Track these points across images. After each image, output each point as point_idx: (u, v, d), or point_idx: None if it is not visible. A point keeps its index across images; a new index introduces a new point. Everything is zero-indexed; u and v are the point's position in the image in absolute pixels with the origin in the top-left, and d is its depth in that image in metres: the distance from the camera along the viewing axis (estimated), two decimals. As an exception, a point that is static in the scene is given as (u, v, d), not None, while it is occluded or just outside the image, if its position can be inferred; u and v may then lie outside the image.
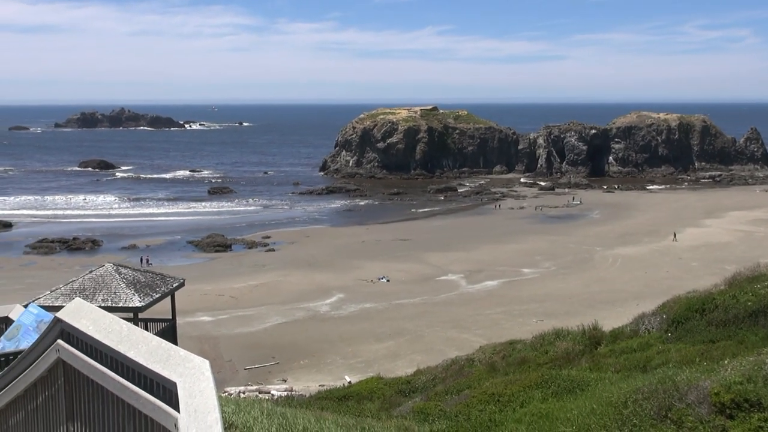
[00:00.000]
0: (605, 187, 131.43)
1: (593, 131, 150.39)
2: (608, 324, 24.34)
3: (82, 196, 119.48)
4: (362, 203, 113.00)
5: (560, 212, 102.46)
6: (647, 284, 56.47)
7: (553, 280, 59.97)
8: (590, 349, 19.45)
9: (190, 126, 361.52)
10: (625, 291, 54.79)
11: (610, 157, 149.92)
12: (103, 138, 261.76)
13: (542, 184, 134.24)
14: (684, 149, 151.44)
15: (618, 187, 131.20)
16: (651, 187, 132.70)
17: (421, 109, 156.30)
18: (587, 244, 75.10)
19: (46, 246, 75.43)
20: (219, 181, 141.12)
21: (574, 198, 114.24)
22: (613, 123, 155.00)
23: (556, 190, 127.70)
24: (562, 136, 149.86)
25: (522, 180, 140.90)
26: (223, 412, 4.65)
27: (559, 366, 17.51)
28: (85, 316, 6.49)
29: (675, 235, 77.03)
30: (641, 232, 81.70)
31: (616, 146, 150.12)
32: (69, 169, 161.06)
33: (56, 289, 28.16)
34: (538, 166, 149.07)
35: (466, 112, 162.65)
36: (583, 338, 20.33)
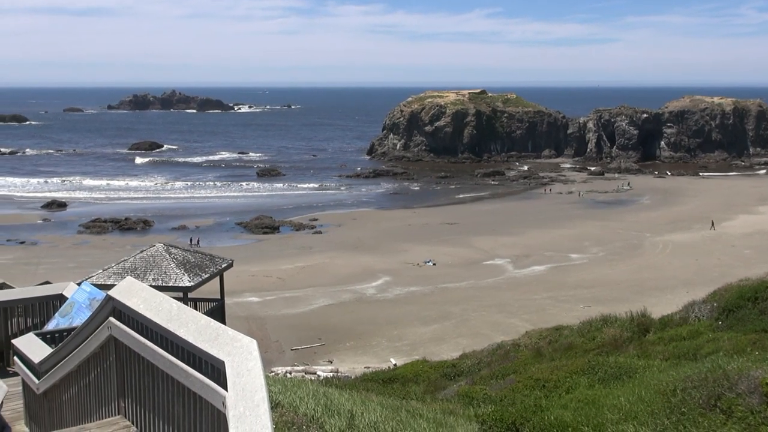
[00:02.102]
0: (656, 172, 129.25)
1: (645, 115, 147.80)
2: (657, 311, 24.01)
3: (133, 177, 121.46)
4: (409, 186, 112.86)
5: (610, 197, 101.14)
6: (698, 271, 55.53)
7: (602, 266, 59.30)
8: (638, 336, 19.21)
9: (240, 108, 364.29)
10: (675, 278, 53.95)
11: (662, 142, 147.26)
12: (154, 120, 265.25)
13: (591, 168, 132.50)
14: (738, 134, 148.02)
15: (669, 172, 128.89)
16: (703, 173, 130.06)
17: (469, 93, 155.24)
18: (637, 230, 74.04)
19: (99, 226, 76.93)
20: (267, 163, 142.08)
21: (627, 183, 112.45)
22: (666, 107, 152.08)
23: (606, 175, 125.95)
24: (612, 120, 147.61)
25: (571, 165, 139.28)
26: (270, 391, 4.70)
27: (607, 353, 17.34)
28: (137, 294, 6.60)
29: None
30: (692, 218, 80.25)
31: (668, 131, 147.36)
32: (121, 150, 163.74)
33: (108, 267, 28.71)
34: (588, 150, 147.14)
35: (514, 96, 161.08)
36: (632, 325, 20.08)
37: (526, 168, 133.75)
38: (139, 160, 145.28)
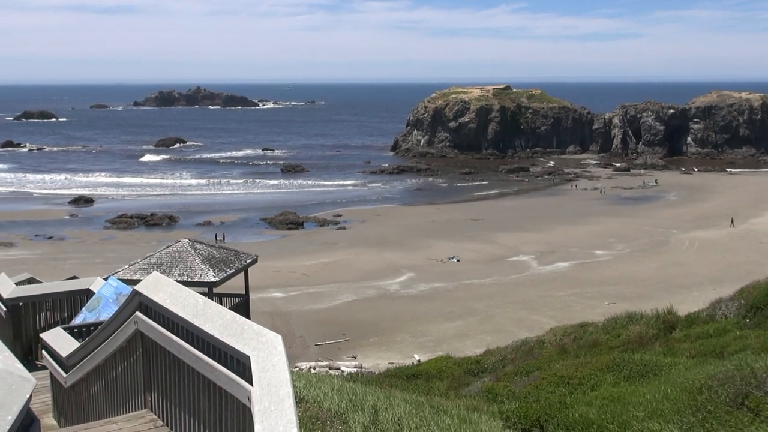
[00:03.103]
0: (683, 168, 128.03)
1: (671, 111, 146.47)
2: (683, 308, 23.80)
3: (159, 173, 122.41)
4: (433, 183, 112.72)
5: (635, 193, 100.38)
6: (725, 268, 54.96)
7: (627, 262, 58.89)
8: (664, 333, 19.07)
9: (264, 104, 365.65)
10: (701, 275, 53.45)
11: (689, 138, 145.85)
12: (180, 116, 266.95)
13: (617, 165, 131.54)
14: (767, 130, 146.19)
15: (696, 168, 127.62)
16: (731, 169, 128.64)
17: (493, 88, 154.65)
18: (663, 227, 73.43)
19: (125, 221, 77.62)
20: (291, 159, 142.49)
21: (655, 180, 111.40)
22: (693, 102, 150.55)
23: (632, 171, 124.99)
24: (638, 115, 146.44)
25: (596, 161, 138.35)
26: (294, 386, 4.72)
27: (632, 350, 17.23)
28: (163, 289, 6.65)
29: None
30: (719, 215, 79.40)
31: (695, 126, 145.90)
32: (147, 146, 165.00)
33: (134, 263, 28.95)
34: (613, 146, 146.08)
35: (539, 91, 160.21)
36: (657, 322, 19.93)
37: (550, 164, 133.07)
38: (164, 157, 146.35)
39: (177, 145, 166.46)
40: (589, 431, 9.72)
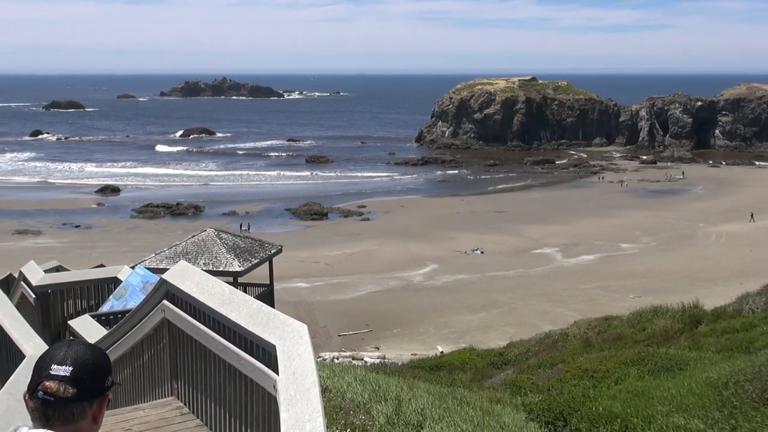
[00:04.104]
0: (710, 161, 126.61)
1: (699, 103, 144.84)
2: (710, 303, 23.62)
3: (184, 163, 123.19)
4: (457, 174, 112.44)
5: (662, 186, 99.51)
6: (752, 263, 54.36)
7: (653, 256, 58.45)
8: (690, 327, 18.94)
9: (289, 95, 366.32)
10: (728, 269, 52.92)
11: (717, 131, 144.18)
12: (206, 107, 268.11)
13: (643, 157, 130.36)
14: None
15: (724, 161, 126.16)
16: (760, 162, 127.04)
17: (519, 80, 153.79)
18: (689, 220, 72.76)
19: (151, 210, 78.23)
20: (316, 150, 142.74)
21: (682, 173, 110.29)
22: (721, 95, 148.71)
23: (658, 163, 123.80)
24: (665, 108, 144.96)
25: (622, 153, 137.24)
26: (320, 376, 4.76)
27: (657, 344, 17.14)
28: (190, 278, 6.72)
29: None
30: (747, 208, 78.45)
31: (724, 119, 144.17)
32: (173, 136, 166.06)
33: (161, 252, 29.22)
34: (640, 139, 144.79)
35: (565, 83, 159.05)
36: (683, 316, 19.80)
37: (576, 156, 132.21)
38: (189, 147, 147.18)
39: (202, 135, 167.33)
40: (613, 425, 9.69)
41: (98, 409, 2.62)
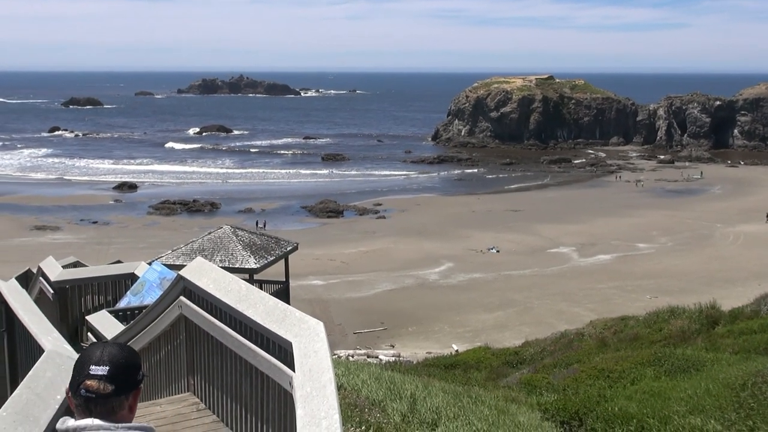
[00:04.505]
0: (729, 161, 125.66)
1: (718, 103, 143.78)
2: (727, 303, 23.46)
3: (201, 160, 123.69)
4: (474, 173, 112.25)
5: (679, 186, 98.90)
6: (771, 264, 53.96)
7: (670, 256, 58.13)
8: (707, 328, 18.82)
9: (306, 93, 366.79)
10: (746, 270, 52.54)
11: (735, 131, 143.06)
12: (222, 104, 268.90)
13: (661, 157, 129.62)
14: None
15: (743, 161, 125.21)
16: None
17: (536, 78, 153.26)
18: (707, 220, 72.29)
19: (167, 207, 78.59)
20: (332, 147, 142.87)
21: (700, 173, 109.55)
22: (740, 94, 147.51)
23: (676, 163, 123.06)
24: (684, 107, 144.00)
25: (639, 152, 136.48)
26: (335, 373, 4.77)
27: (673, 344, 17.05)
28: (207, 274, 6.75)
29: None
30: (766, 209, 77.90)
31: (743, 119, 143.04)
32: (190, 133, 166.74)
33: (177, 248, 29.34)
34: (658, 138, 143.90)
35: (582, 82, 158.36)
36: (700, 317, 19.68)
37: (593, 155, 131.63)
38: (206, 144, 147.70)
39: (219, 133, 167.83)
40: (629, 425, 9.65)
41: (133, 400, 2.99)
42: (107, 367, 2.88)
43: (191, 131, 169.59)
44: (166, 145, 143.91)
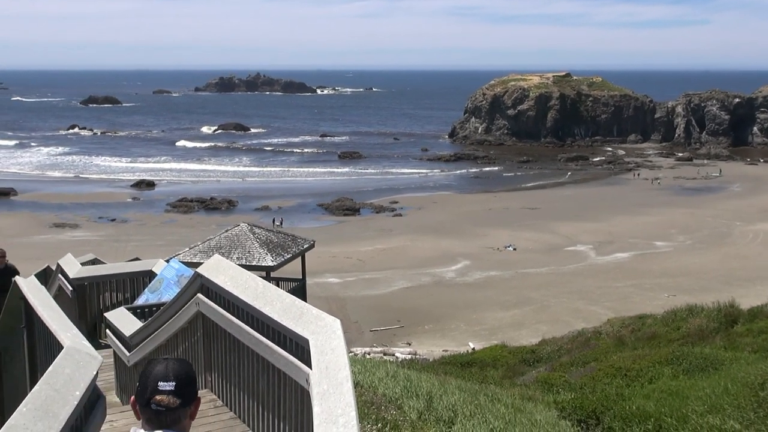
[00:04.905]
0: (748, 159, 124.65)
1: (737, 100, 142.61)
2: (746, 302, 23.28)
3: (218, 158, 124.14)
4: (490, 170, 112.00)
5: (698, 184, 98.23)
6: (791, 262, 53.51)
7: (688, 254, 57.76)
8: (726, 327, 18.69)
9: (322, 91, 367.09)
10: (765, 268, 52.08)
11: (755, 128, 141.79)
12: (240, 102, 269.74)
13: (679, 154, 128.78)
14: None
15: (762, 159, 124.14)
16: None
17: (553, 76, 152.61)
18: (726, 218, 71.76)
19: (185, 205, 78.97)
20: (349, 145, 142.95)
21: (719, 171, 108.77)
22: (760, 91, 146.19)
23: (695, 161, 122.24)
24: (702, 104, 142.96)
25: (658, 150, 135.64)
26: (352, 370, 4.77)
27: (692, 343, 16.94)
28: (224, 272, 6.77)
29: None
30: (786, 207, 77.32)
31: (762, 116, 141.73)
32: (207, 131, 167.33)
33: (194, 246, 29.50)
34: (676, 135, 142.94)
35: (600, 79, 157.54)
36: (719, 315, 19.53)
37: (610, 153, 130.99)
38: (223, 142, 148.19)
39: (236, 131, 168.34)
40: (647, 424, 9.61)
41: (195, 409, 3.32)
42: (174, 383, 3.20)
43: (209, 129, 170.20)
44: (184, 144, 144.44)
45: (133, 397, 3.30)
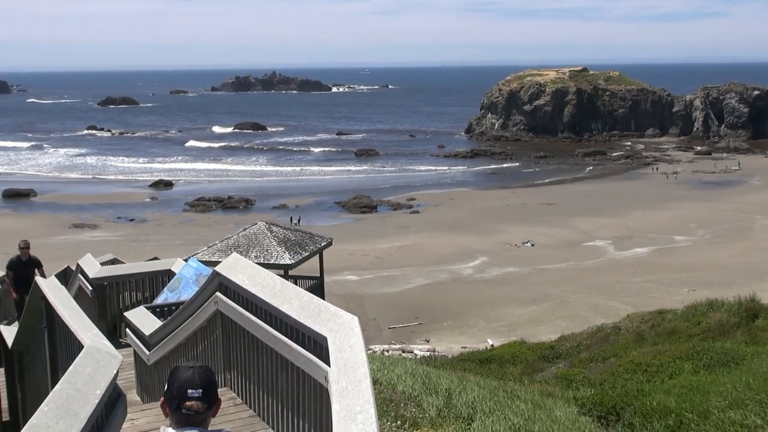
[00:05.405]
0: (767, 151, 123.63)
1: (756, 92, 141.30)
2: (767, 297, 23.08)
3: (235, 157, 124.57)
4: (507, 166, 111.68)
5: (717, 178, 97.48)
6: (812, 256, 52.99)
7: (708, 248, 57.34)
8: (747, 321, 18.53)
9: (338, 89, 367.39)
10: (787, 262, 51.67)
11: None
12: (256, 101, 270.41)
13: (698, 148, 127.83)
14: None
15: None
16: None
17: (570, 71, 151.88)
18: (746, 212, 71.17)
19: (203, 204, 79.29)
20: (365, 143, 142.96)
21: (738, 164, 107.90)
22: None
23: (713, 154, 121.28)
24: (721, 97, 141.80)
25: (676, 144, 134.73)
26: (371, 367, 4.77)
27: (712, 338, 16.83)
28: (242, 270, 6.79)
29: None
30: (807, 200, 76.61)
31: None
32: (224, 130, 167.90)
33: (213, 245, 29.63)
34: (694, 129, 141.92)
35: (617, 73, 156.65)
36: (740, 310, 19.37)
37: (628, 147, 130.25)
38: (240, 141, 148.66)
39: (253, 130, 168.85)
40: (667, 420, 9.55)
41: (216, 408, 3.73)
42: (201, 390, 3.61)
43: (225, 129, 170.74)
44: (201, 143, 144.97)
45: (162, 399, 3.69)
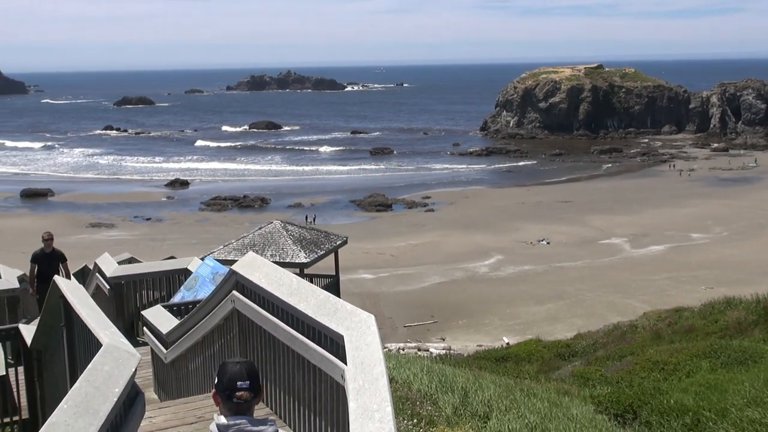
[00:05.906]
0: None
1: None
2: (786, 294, 22.90)
3: (250, 156, 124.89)
4: (523, 164, 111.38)
5: (734, 174, 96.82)
6: (831, 253, 52.54)
7: (725, 246, 56.96)
8: (765, 319, 18.40)
9: (353, 87, 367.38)
10: (805, 259, 51.24)
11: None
12: (271, 100, 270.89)
13: (715, 145, 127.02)
14: None
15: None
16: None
17: (585, 68, 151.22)
18: (764, 209, 70.66)
19: (218, 203, 79.57)
20: (380, 141, 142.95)
21: (755, 161, 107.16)
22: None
23: (731, 151, 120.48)
24: (738, 93, 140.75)
25: (692, 141, 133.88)
26: (387, 365, 4.78)
27: (730, 336, 16.73)
28: (258, 269, 6.82)
29: None
30: (826, 196, 75.97)
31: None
32: (239, 129, 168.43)
33: (228, 243, 29.72)
34: (711, 126, 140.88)
35: (633, 70, 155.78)
36: (758, 308, 19.24)
37: (644, 144, 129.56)
38: (255, 140, 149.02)
39: (268, 129, 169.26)
40: (685, 418, 9.51)
41: (260, 398, 4.17)
42: (248, 381, 4.04)
43: (240, 128, 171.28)
44: (216, 143, 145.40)
45: (214, 390, 4.10)
